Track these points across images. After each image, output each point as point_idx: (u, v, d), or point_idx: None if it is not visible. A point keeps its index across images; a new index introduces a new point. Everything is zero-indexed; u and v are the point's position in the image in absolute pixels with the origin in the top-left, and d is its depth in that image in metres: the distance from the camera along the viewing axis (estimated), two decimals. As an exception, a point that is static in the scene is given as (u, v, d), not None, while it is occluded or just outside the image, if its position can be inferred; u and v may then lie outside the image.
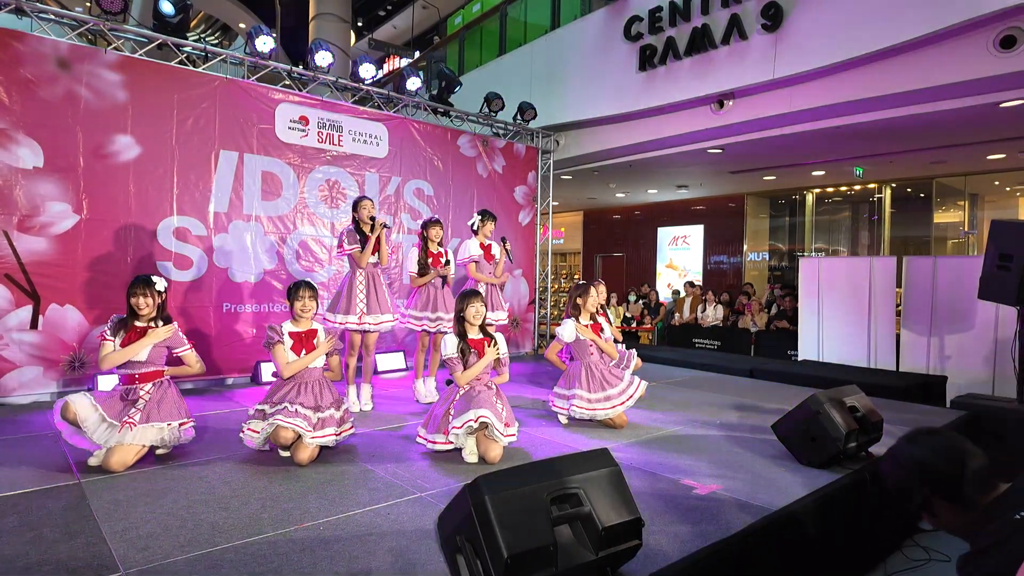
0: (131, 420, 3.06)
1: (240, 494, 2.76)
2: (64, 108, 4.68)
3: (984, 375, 5.80)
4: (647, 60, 7.78)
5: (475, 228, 5.23)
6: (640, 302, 11.39)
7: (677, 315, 10.37)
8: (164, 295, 3.31)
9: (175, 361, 3.40)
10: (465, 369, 3.46)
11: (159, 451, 3.29)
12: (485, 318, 3.61)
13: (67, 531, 2.34)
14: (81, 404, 3.02)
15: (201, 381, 5.30)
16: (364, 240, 4.45)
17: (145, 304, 3.21)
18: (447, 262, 4.94)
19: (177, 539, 2.29)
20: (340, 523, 2.48)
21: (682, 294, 11.05)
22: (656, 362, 6.86)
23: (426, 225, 4.93)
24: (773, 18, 6.56)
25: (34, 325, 4.59)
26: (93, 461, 3.09)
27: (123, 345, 3.16)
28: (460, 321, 3.55)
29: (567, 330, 4.18)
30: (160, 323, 3.27)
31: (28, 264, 4.55)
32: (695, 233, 13.59)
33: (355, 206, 4.53)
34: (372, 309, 4.45)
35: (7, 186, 4.47)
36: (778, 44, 6.64)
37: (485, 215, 5.23)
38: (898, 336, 6.45)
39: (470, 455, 3.34)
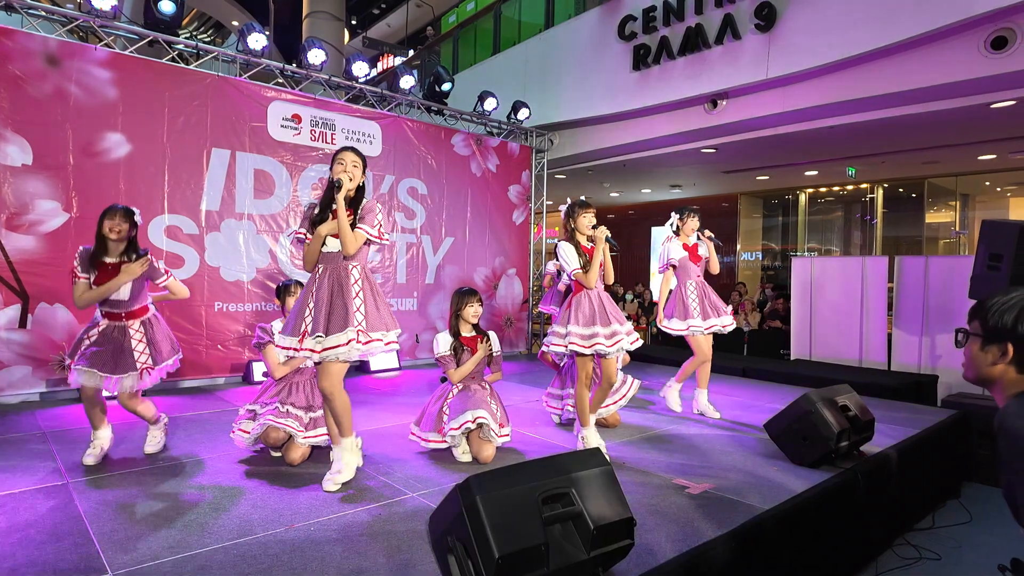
0: (148, 365, 3.12)
1: (230, 494, 2.74)
2: (53, 105, 4.64)
3: (975, 374, 5.83)
4: (641, 60, 7.78)
5: (676, 229, 4.45)
6: (635, 301, 11.41)
7: (671, 314, 10.38)
8: (136, 230, 3.16)
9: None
10: (458, 367, 3.45)
11: (148, 449, 3.27)
12: (481, 316, 3.60)
13: (54, 532, 2.32)
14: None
15: (193, 380, 5.28)
16: (322, 218, 2.87)
17: (117, 232, 3.04)
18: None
19: (166, 540, 2.27)
20: (331, 524, 2.46)
21: (676, 293, 11.06)
22: (649, 361, 6.86)
23: (572, 211, 3.52)
24: (766, 18, 6.57)
25: (23, 324, 4.55)
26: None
27: (97, 284, 3.02)
28: (456, 319, 3.53)
29: None
30: (133, 256, 3.12)
31: (17, 263, 4.51)
32: (689, 233, 13.61)
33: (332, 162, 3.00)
34: (318, 326, 2.71)
35: (-5, 184, 4.43)
36: (771, 44, 6.65)
37: (685, 212, 4.42)
38: (890, 335, 6.48)
39: (463, 455, 3.33)
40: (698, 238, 4.49)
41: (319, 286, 2.81)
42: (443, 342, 3.48)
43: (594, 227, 3.47)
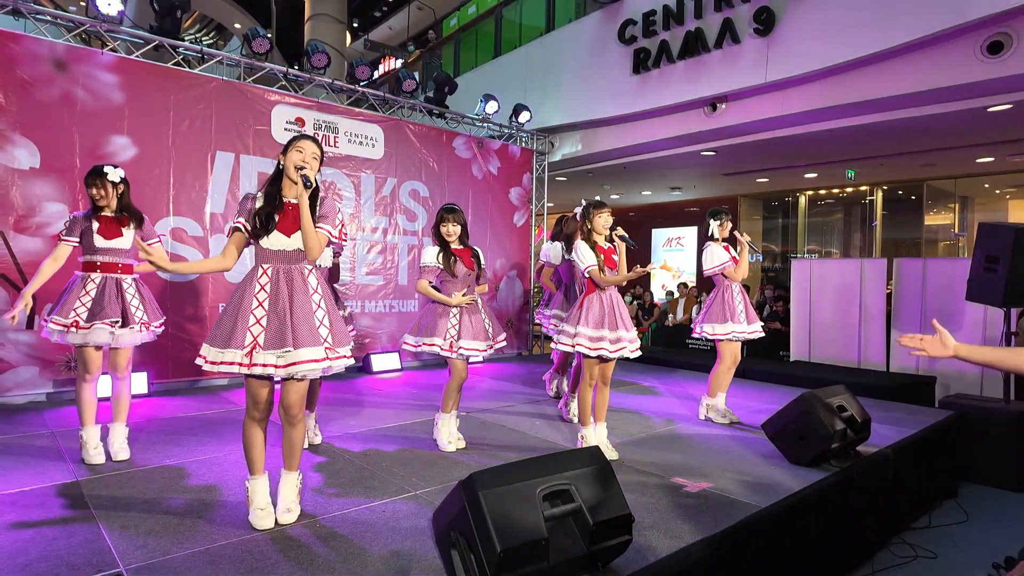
0: (145, 321, 3.22)
1: (237, 492, 2.79)
2: (60, 109, 4.70)
3: (972, 375, 5.88)
4: (641, 63, 7.84)
5: (714, 234, 4.40)
6: (635, 303, 11.46)
7: (671, 316, 10.43)
8: (122, 185, 3.27)
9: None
10: (453, 277, 3.53)
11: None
12: (461, 236, 3.63)
13: (66, 528, 2.37)
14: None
15: (197, 382, 5.33)
16: (271, 213, 2.50)
17: (100, 195, 3.17)
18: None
19: (176, 536, 2.32)
20: (336, 520, 2.52)
21: (676, 295, 11.11)
22: (649, 362, 6.91)
23: (587, 212, 3.58)
24: (765, 22, 6.63)
25: (30, 325, 4.60)
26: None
27: (100, 233, 3.15)
28: (438, 235, 3.59)
29: None
30: (126, 215, 3.26)
31: (24, 264, 4.57)
32: (689, 235, 13.66)
33: (285, 149, 2.63)
34: (283, 339, 2.34)
35: (3, 186, 4.48)
36: (770, 48, 6.71)
37: (723, 215, 4.41)
38: (888, 337, 6.53)
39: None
40: (740, 237, 4.44)
41: (273, 290, 2.41)
42: (430, 252, 3.54)
43: (612, 229, 3.55)
